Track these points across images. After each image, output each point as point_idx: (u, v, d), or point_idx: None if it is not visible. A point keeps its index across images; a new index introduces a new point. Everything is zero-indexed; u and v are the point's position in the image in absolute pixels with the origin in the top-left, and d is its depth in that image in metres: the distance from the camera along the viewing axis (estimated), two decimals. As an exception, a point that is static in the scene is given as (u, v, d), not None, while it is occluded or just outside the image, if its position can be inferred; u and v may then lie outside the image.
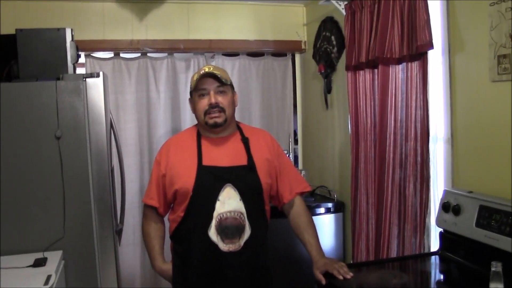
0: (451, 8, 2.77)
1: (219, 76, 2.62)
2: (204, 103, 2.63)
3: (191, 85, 2.71)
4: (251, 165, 2.65)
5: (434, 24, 2.78)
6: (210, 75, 2.62)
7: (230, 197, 2.57)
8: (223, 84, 2.64)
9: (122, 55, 4.47)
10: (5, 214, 2.97)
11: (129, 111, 4.48)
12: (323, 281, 2.40)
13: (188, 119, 4.58)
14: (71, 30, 3.24)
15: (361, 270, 2.65)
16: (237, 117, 4.48)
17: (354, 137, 3.53)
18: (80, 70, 3.73)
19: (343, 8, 3.65)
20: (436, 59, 2.89)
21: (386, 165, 3.11)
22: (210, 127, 2.64)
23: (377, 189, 3.21)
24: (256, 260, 2.64)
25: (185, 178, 2.60)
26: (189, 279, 2.62)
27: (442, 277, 2.61)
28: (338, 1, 3.68)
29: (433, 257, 2.69)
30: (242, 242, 2.57)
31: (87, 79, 3.07)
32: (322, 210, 4.05)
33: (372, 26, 3.22)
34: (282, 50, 4.84)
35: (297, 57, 4.98)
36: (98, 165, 3.11)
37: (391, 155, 3.07)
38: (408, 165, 2.95)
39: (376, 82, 3.27)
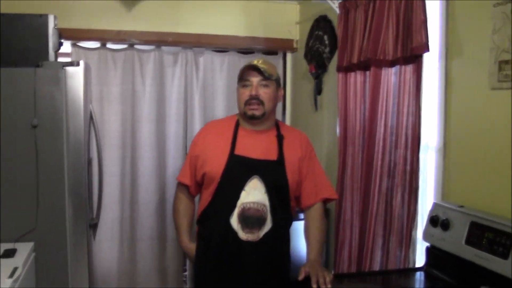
0: (450, 9, 2.62)
1: (262, 70, 2.72)
2: (245, 93, 2.75)
3: (238, 76, 2.84)
4: (280, 161, 2.75)
5: (431, 26, 2.62)
6: (254, 68, 2.71)
7: (255, 188, 2.68)
8: (267, 78, 2.73)
9: (108, 45, 4.31)
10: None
11: (114, 103, 4.32)
12: (300, 277, 2.42)
13: (174, 114, 4.45)
14: (54, 16, 3.15)
15: (342, 282, 2.54)
16: (225, 114, 4.40)
17: (342, 141, 3.38)
18: (66, 59, 3.58)
19: (337, 7, 3.49)
20: (431, 63, 2.73)
21: (374, 172, 2.95)
22: (248, 118, 2.75)
23: (363, 197, 3.05)
24: (273, 251, 2.71)
25: (215, 163, 2.74)
26: (209, 260, 2.74)
27: (426, 295, 2.47)
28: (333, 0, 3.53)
29: (418, 273, 2.54)
30: (261, 233, 2.67)
31: (67, 68, 3.00)
32: (305, 215, 3.90)
33: (366, 26, 3.07)
34: (273, 48, 4.68)
35: (289, 56, 4.82)
36: (75, 157, 3.04)
37: (379, 163, 2.92)
38: (397, 174, 2.80)
39: (367, 84, 3.12)
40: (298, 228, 2.93)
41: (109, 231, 4.34)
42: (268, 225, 2.68)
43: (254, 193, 2.67)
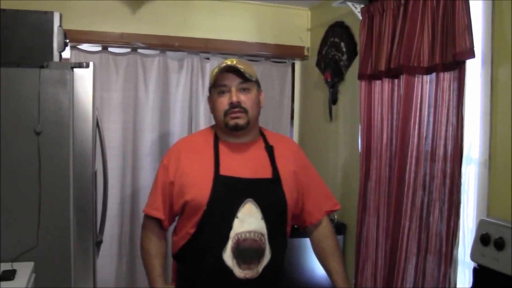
0: (497, 10, 2.43)
1: (242, 70, 2.29)
2: (224, 101, 2.31)
3: (210, 80, 2.38)
4: (276, 179, 2.32)
5: (474, 28, 2.43)
6: (232, 69, 2.29)
7: (250, 214, 2.24)
8: (247, 80, 2.31)
9: (110, 49, 4.09)
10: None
11: (114, 110, 4.09)
12: None
13: (177, 124, 4.23)
14: (60, 14, 2.86)
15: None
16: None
17: (365, 153, 3.18)
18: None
19: (359, 12, 3.32)
20: (472, 69, 2.55)
21: (406, 186, 2.75)
22: (231, 129, 2.32)
23: (393, 213, 2.84)
24: (273, 286, 2.32)
25: (198, 188, 2.27)
26: None
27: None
28: (354, 4, 3.35)
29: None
30: (260, 268, 2.25)
31: (75, 69, 2.70)
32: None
33: (395, 31, 2.89)
34: (283, 55, 4.49)
35: (297, 64, 4.64)
36: (81, 168, 2.72)
37: (412, 176, 2.72)
38: (434, 188, 2.60)
39: (396, 93, 2.94)
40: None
41: (108, 246, 4.08)
42: (267, 257, 2.27)
43: (249, 220, 2.24)
